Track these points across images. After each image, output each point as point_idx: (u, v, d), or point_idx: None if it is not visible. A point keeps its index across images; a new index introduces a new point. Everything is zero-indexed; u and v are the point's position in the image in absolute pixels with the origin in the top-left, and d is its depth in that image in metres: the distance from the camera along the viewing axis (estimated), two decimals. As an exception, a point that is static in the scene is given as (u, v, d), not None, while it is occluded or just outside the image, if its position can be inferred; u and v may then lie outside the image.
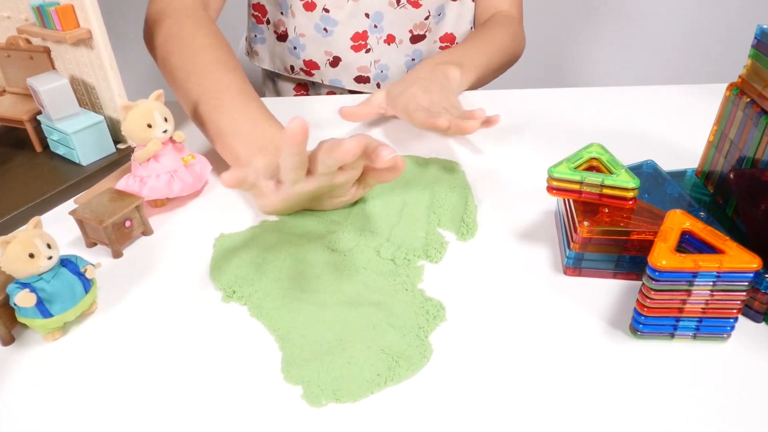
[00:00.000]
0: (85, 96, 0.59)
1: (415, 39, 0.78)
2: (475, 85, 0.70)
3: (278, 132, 0.50)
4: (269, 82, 0.89)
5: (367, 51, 0.77)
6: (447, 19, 0.79)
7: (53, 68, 0.57)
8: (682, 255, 0.33)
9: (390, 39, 0.77)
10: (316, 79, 0.81)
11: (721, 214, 0.44)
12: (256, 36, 0.84)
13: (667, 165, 0.48)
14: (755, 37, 0.41)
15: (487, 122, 0.55)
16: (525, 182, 0.53)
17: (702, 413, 0.33)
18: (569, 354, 0.36)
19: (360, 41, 0.77)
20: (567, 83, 1.62)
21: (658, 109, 0.65)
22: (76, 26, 0.53)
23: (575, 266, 0.41)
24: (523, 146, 0.59)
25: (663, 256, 0.33)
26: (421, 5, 0.75)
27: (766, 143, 0.39)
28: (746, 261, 0.33)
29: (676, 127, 0.61)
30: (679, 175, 0.49)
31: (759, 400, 0.33)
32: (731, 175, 0.42)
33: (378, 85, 0.80)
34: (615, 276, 0.41)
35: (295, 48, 0.79)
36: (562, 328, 0.38)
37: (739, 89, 0.43)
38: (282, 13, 0.78)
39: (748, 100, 0.42)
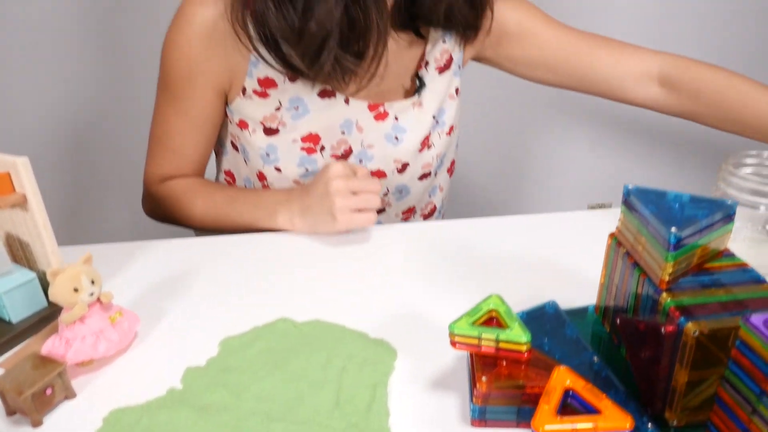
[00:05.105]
0: (20, 251, 0.61)
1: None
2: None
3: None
4: None
5: None
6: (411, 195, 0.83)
7: (-12, 228, 0.59)
8: (562, 417, 0.36)
9: None
10: None
11: (617, 354, 0.48)
12: None
13: (572, 295, 0.51)
14: (623, 195, 0.46)
15: None
16: (440, 321, 0.55)
17: None
18: None
19: None
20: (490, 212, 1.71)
21: (564, 236, 0.69)
22: (11, 192, 0.56)
23: (480, 418, 0.43)
24: (436, 282, 0.62)
25: (544, 420, 0.36)
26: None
27: (641, 294, 0.43)
28: (619, 420, 0.36)
29: (581, 255, 0.65)
30: (580, 313, 0.53)
31: None
32: (618, 321, 0.46)
33: None
34: (518, 425, 0.43)
35: None
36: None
37: (617, 239, 0.48)
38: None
39: (624, 251, 0.46)
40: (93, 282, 0.51)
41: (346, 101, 0.75)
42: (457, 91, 0.83)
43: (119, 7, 1.29)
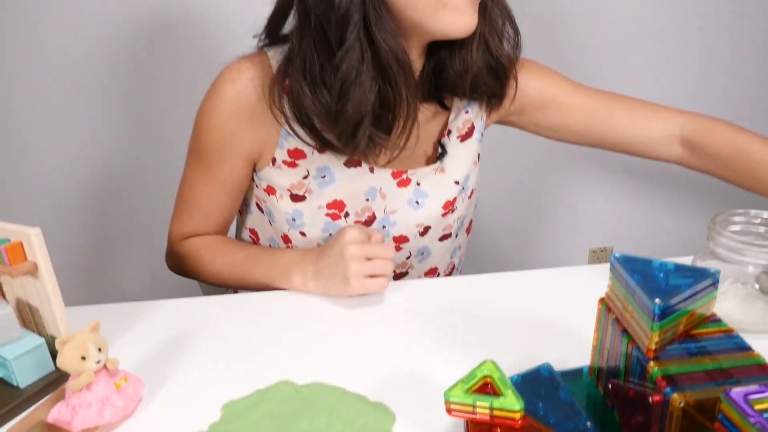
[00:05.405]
0: (30, 315, 0.63)
1: (397, 276, 0.84)
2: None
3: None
4: None
5: None
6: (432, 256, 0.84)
7: (1, 294, 0.61)
8: (554, 490, 0.37)
9: None
10: None
11: (610, 417, 0.48)
12: None
13: (570, 353, 0.52)
14: (611, 262, 0.48)
15: None
16: (439, 382, 0.56)
17: None
18: None
19: None
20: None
21: (564, 292, 0.71)
22: (23, 260, 0.58)
23: (476, 487, 0.44)
24: (437, 341, 0.63)
25: (536, 493, 0.37)
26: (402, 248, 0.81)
27: (631, 360, 0.45)
28: (610, 493, 0.36)
29: (581, 310, 0.66)
30: (575, 374, 0.53)
31: None
32: (610, 386, 0.47)
33: None
34: (515, 493, 0.44)
35: None
36: None
37: (606, 305, 0.49)
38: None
39: (614, 316, 0.47)
40: (100, 349, 0.53)
41: (371, 170, 0.77)
42: (478, 156, 0.86)
43: (145, 69, 1.33)
